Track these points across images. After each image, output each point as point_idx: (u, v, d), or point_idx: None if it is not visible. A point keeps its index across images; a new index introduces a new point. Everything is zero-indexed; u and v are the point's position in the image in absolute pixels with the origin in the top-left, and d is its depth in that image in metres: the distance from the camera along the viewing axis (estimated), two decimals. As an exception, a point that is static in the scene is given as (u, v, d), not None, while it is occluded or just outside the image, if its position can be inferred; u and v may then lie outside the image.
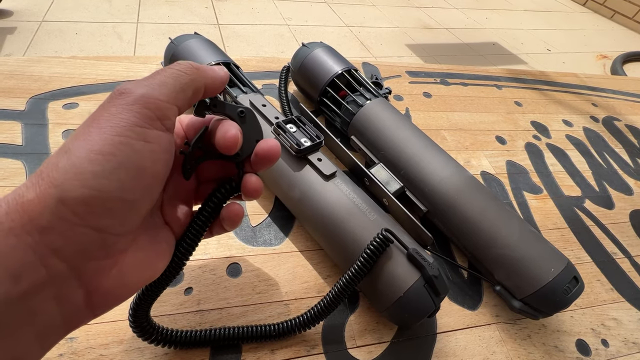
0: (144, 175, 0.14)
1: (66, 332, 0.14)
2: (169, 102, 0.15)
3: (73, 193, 0.13)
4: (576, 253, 0.37)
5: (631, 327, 0.32)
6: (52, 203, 0.12)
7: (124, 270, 0.15)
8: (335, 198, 0.27)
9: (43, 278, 0.13)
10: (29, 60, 0.40)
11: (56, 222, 0.12)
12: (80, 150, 0.13)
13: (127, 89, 0.15)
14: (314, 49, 0.40)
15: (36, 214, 0.12)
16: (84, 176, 0.13)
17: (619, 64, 1.64)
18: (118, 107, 0.14)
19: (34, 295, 0.12)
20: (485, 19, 1.96)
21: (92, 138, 0.13)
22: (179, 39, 0.37)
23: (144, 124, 0.14)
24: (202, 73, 0.17)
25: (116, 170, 0.13)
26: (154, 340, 0.21)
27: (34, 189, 0.13)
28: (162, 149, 0.15)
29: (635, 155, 0.53)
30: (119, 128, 0.14)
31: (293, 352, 0.25)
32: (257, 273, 0.28)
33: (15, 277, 0.12)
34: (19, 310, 0.12)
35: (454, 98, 0.52)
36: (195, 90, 0.17)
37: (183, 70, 0.16)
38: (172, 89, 0.15)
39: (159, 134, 0.15)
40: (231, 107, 0.19)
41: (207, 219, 0.19)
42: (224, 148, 0.17)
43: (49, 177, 0.13)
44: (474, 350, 0.28)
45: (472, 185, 0.32)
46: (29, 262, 0.12)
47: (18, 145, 0.32)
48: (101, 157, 0.13)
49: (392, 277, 0.24)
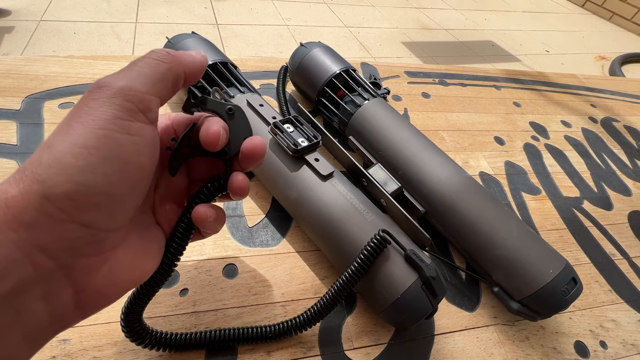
0: (129, 168, 0.14)
1: (55, 332, 0.14)
2: (149, 94, 0.15)
3: (57, 188, 0.12)
4: (574, 254, 0.37)
5: (629, 329, 0.32)
6: (36, 199, 0.12)
7: (114, 269, 0.15)
8: (333, 198, 0.27)
9: (30, 276, 0.12)
10: (25, 59, 0.39)
11: (41, 219, 0.12)
12: (63, 145, 0.13)
13: (106, 82, 0.14)
14: (312, 49, 0.40)
15: (20, 210, 0.12)
16: (68, 171, 0.13)
17: (617, 65, 1.64)
18: (98, 101, 0.14)
19: (21, 294, 0.12)
20: (484, 20, 1.96)
21: (74, 132, 0.13)
22: (176, 38, 0.37)
23: (126, 116, 0.14)
24: (180, 59, 0.16)
25: (101, 164, 0.13)
26: (147, 344, 0.21)
27: (17, 185, 0.12)
28: (146, 141, 0.15)
29: (633, 156, 0.52)
30: (102, 121, 0.13)
31: (289, 353, 0.25)
32: (254, 274, 0.28)
33: (1, 275, 0.12)
34: (5, 309, 0.12)
35: (453, 98, 0.52)
36: (174, 78, 0.16)
37: (160, 59, 0.16)
38: (151, 79, 0.15)
39: (142, 126, 0.15)
40: (219, 105, 0.19)
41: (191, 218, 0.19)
42: (207, 144, 0.17)
43: (32, 172, 0.12)
44: (471, 352, 0.28)
45: (471, 186, 0.32)
46: (15, 259, 0.12)
47: (13, 145, 0.32)
48: (85, 151, 0.13)
49: (390, 279, 0.24)
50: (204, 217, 0.18)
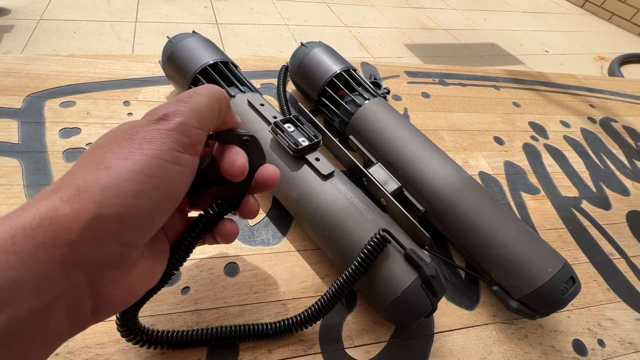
0: (172, 195, 0.15)
1: (68, 338, 0.14)
2: (202, 129, 0.16)
3: (111, 210, 0.13)
4: (573, 253, 0.37)
5: (627, 327, 0.32)
6: (88, 218, 0.13)
7: (132, 280, 0.15)
8: (333, 198, 0.27)
9: (64, 290, 0.13)
10: (26, 58, 0.39)
11: (87, 237, 0.13)
12: (123, 169, 0.14)
13: (166, 115, 0.15)
14: (313, 49, 0.40)
15: (68, 228, 0.12)
16: (126, 195, 0.13)
17: (616, 66, 1.65)
18: (160, 132, 0.15)
19: (52, 307, 0.13)
20: (483, 20, 1.97)
21: (134, 158, 0.14)
22: (176, 38, 0.37)
23: (181, 149, 0.15)
24: (227, 104, 0.18)
25: (152, 190, 0.14)
26: (145, 342, 0.21)
27: (70, 203, 0.13)
28: (191, 172, 0.16)
29: (632, 156, 0.53)
30: (160, 151, 0.15)
31: (290, 351, 0.25)
32: (255, 272, 0.28)
33: (40, 291, 0.12)
34: (35, 322, 0.12)
35: (453, 98, 0.52)
36: (219, 118, 0.18)
37: (215, 96, 0.17)
38: (204, 115, 0.17)
39: (190, 159, 0.16)
40: (236, 136, 0.20)
41: (201, 230, 0.20)
42: (232, 176, 0.18)
43: (88, 192, 0.13)
44: (471, 350, 0.28)
45: (470, 186, 0.32)
46: (54, 275, 0.12)
47: (14, 144, 0.32)
48: (142, 178, 0.14)
49: (390, 277, 0.24)
50: (234, 233, 0.21)
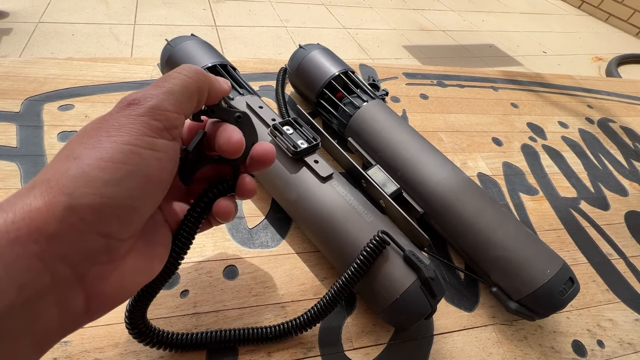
0: (151, 182, 0.15)
1: (62, 336, 0.14)
2: (177, 112, 0.16)
3: (83, 200, 0.13)
4: (572, 254, 0.37)
5: (626, 328, 0.32)
6: (61, 210, 0.12)
7: (123, 274, 0.15)
8: (332, 200, 0.27)
9: (47, 285, 0.12)
10: (24, 61, 0.39)
11: (64, 229, 0.12)
12: (91, 158, 0.13)
13: (136, 100, 0.15)
14: (311, 51, 0.40)
15: (43, 222, 0.12)
16: (95, 184, 0.13)
17: (613, 66, 1.65)
18: (128, 118, 0.14)
19: (37, 302, 0.12)
20: (481, 22, 1.97)
21: (102, 146, 0.14)
22: (175, 41, 0.37)
23: (153, 133, 0.15)
24: (208, 81, 0.17)
25: (126, 178, 0.14)
26: (150, 342, 0.21)
27: (42, 197, 0.12)
28: (169, 157, 0.16)
29: (630, 157, 0.53)
30: (129, 137, 0.14)
31: (290, 354, 0.25)
32: (254, 275, 0.28)
33: (20, 286, 0.12)
34: (20, 317, 0.12)
35: (451, 100, 0.52)
36: (200, 97, 0.17)
37: (191, 78, 0.16)
38: (180, 98, 0.16)
39: (167, 143, 0.15)
40: (228, 112, 0.19)
41: (199, 215, 0.19)
42: (228, 152, 0.18)
43: (58, 184, 0.13)
44: (470, 352, 0.28)
45: (469, 187, 0.32)
46: (34, 270, 0.12)
47: (12, 147, 0.32)
48: (112, 165, 0.13)
49: (389, 279, 0.24)
50: (229, 211, 0.19)
